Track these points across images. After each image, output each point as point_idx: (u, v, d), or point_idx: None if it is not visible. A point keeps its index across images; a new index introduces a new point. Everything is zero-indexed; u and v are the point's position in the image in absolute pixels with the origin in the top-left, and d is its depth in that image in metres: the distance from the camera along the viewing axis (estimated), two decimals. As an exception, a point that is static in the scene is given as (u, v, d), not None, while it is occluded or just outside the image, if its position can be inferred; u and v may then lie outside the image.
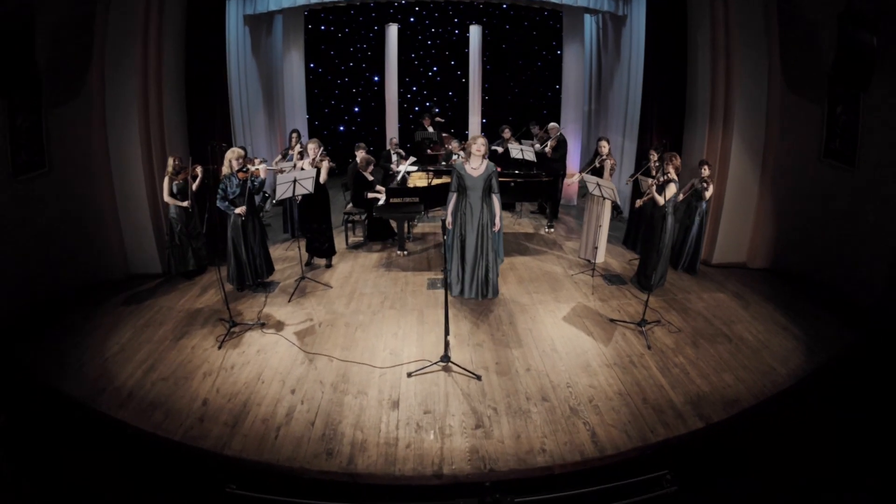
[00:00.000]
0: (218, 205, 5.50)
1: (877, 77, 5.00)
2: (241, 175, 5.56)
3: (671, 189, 5.56)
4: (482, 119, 11.58)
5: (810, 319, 5.31)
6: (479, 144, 5.20)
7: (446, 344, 4.39)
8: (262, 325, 5.08)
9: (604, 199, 6.11)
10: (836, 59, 5.30)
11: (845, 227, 5.65)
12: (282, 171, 6.91)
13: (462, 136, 11.72)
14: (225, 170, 5.55)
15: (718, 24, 6.41)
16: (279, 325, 5.10)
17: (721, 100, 6.53)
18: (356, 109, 12.68)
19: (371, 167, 7.23)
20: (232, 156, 5.53)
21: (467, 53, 12.29)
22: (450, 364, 4.33)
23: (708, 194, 6.06)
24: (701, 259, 6.58)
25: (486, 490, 2.64)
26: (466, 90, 12.66)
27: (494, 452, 3.45)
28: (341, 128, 12.58)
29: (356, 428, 3.64)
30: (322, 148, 6.38)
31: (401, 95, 11.70)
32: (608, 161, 6.56)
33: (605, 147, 6.64)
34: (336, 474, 3.23)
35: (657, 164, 6.41)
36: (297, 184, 5.51)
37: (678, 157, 5.78)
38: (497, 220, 5.42)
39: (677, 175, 5.65)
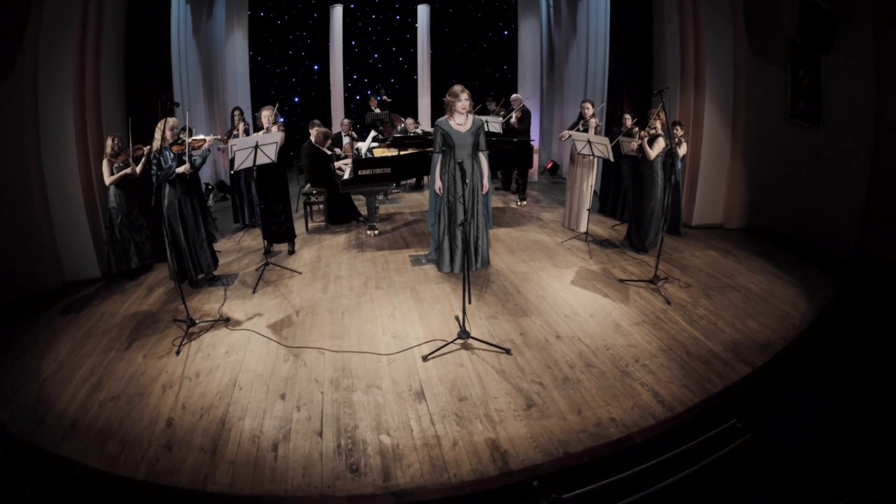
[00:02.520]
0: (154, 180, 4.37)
1: (836, 40, 5.01)
2: (175, 148, 4.50)
3: (659, 144, 5.20)
4: (431, 100, 10.78)
5: (798, 269, 5.04)
6: (463, 100, 4.39)
7: (463, 317, 3.57)
8: (227, 322, 4.01)
9: (594, 157, 5.50)
10: (798, 24, 5.16)
11: (815, 182, 5.56)
12: (224, 141, 5.82)
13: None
14: (157, 143, 4.45)
15: None
16: (249, 320, 4.05)
17: (691, 69, 6.30)
18: (296, 100, 11.48)
19: (329, 142, 6.28)
20: (164, 125, 4.42)
21: (409, 39, 11.49)
22: (470, 340, 3.51)
23: (682, 152, 5.65)
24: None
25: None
26: (409, 77, 11.85)
27: (560, 432, 2.71)
28: (282, 119, 11.32)
29: (379, 431, 2.74)
30: (277, 116, 5.35)
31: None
32: (592, 121, 6.11)
33: (588, 109, 6.19)
34: (374, 498, 2.32)
35: (634, 127, 6.00)
36: (258, 150, 4.49)
37: (664, 112, 5.32)
38: (486, 181, 4.65)
39: (664, 129, 5.20)
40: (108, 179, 4.84)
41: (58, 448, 2.79)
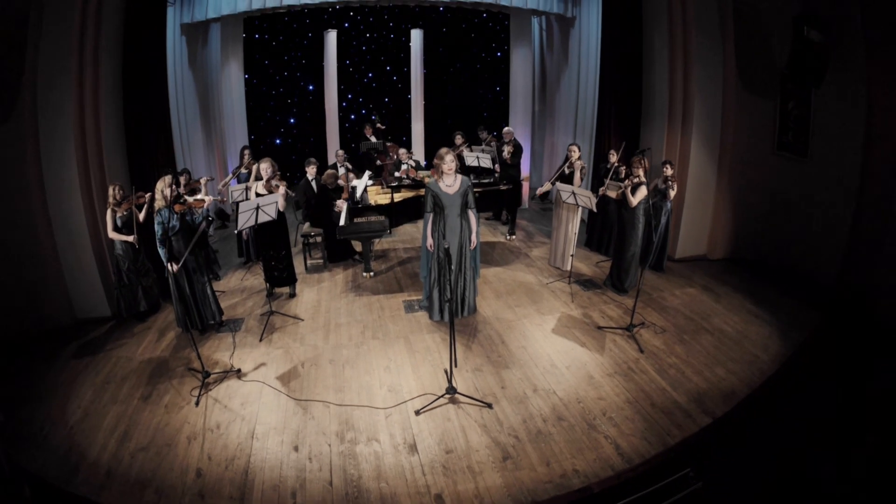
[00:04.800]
0: (159, 248, 5.05)
1: (827, 74, 5.51)
2: (177, 208, 5.13)
3: (642, 191, 5.84)
4: (425, 125, 11.51)
5: (776, 304, 5.83)
6: (448, 162, 5.13)
7: (448, 374, 4.33)
8: (238, 372, 4.75)
9: (578, 206, 6.25)
10: (790, 57, 5.74)
11: (799, 213, 6.20)
12: (222, 200, 6.50)
13: (405, 144, 11.64)
14: (158, 203, 5.11)
15: (676, 25, 6.74)
16: (258, 370, 4.80)
17: (679, 100, 6.91)
18: (292, 121, 12.19)
19: (336, 182, 6.97)
20: (162, 185, 5.08)
21: (403, 58, 12.19)
22: (456, 395, 4.27)
23: (672, 194, 6.38)
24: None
25: None
26: (403, 96, 12.57)
27: (531, 482, 3.45)
28: (277, 140, 12.05)
29: (380, 480, 3.49)
30: (276, 168, 6.06)
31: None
32: (578, 163, 6.73)
33: (575, 153, 6.81)
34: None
35: (618, 164, 6.70)
36: (259, 211, 5.21)
37: (647, 159, 6.07)
38: (474, 237, 5.40)
39: (646, 177, 5.93)
40: (111, 233, 5.52)
41: (97, 496, 3.47)
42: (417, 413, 4.13)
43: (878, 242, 5.33)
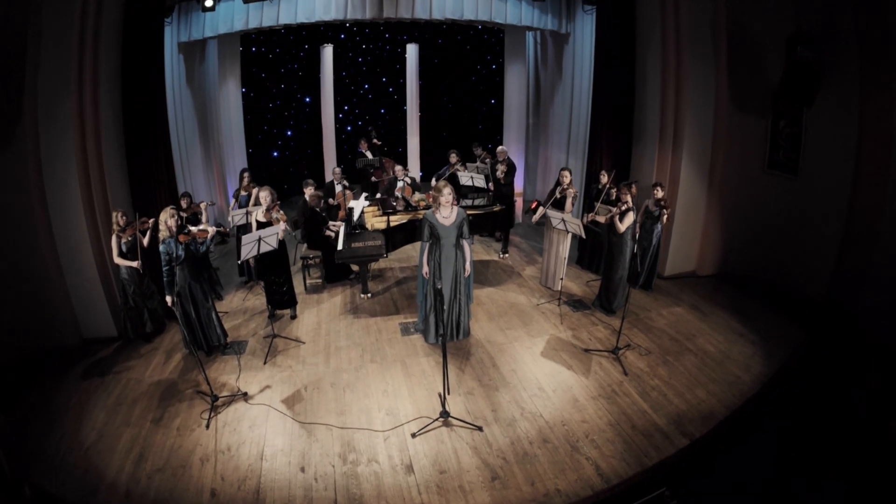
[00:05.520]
0: (164, 280, 5.48)
1: (820, 93, 5.89)
2: (182, 238, 5.50)
3: (629, 217, 6.27)
4: (420, 139, 11.92)
5: (762, 322, 6.31)
6: (445, 195, 5.56)
7: (442, 399, 4.77)
8: (245, 396, 5.18)
9: (568, 232, 6.68)
10: (783, 76, 6.09)
11: (789, 230, 6.56)
12: (225, 230, 6.88)
13: (401, 156, 12.06)
14: (162, 234, 5.49)
15: (669, 46, 7.12)
16: (263, 393, 5.22)
17: (671, 122, 7.31)
18: (289, 133, 12.61)
19: (322, 203, 7.40)
20: (165, 216, 5.46)
21: (399, 69, 12.62)
22: (449, 418, 4.71)
23: (665, 218, 6.78)
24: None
25: None
26: (399, 107, 13.00)
27: (516, 501, 3.90)
28: (275, 153, 12.45)
29: (380, 499, 3.93)
30: (275, 197, 6.46)
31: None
32: (570, 191, 7.09)
33: (566, 177, 7.15)
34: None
35: (609, 185, 7.12)
36: (261, 242, 5.62)
37: (635, 185, 6.50)
38: (468, 266, 5.83)
39: (633, 202, 6.36)
40: (116, 258, 5.92)
41: (120, 517, 3.93)
42: (413, 436, 4.56)
43: (868, 259, 5.68)
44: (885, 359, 5.32)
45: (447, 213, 5.64)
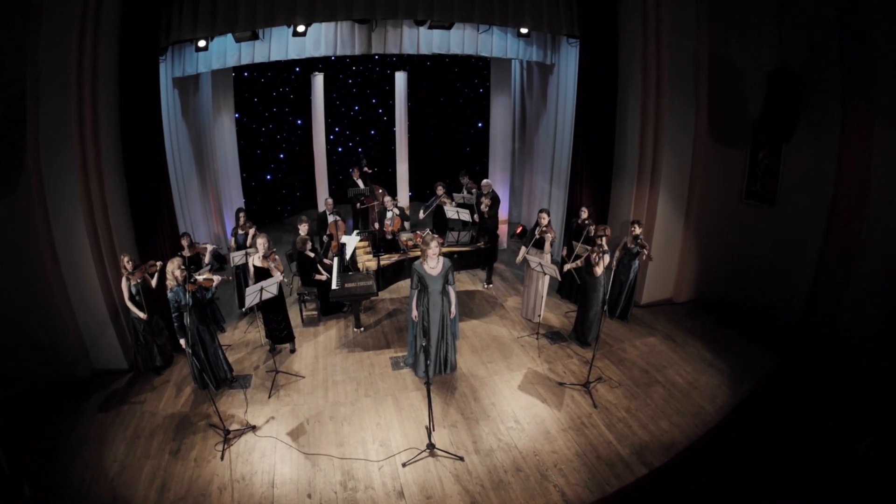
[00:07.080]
0: (175, 325, 6.29)
1: (799, 128, 6.46)
2: (189, 287, 6.30)
3: (605, 260, 7.14)
4: (409, 163, 12.76)
5: (734, 349, 7.20)
6: (433, 248, 6.46)
7: (429, 431, 5.72)
8: (254, 429, 6.09)
9: (544, 273, 7.63)
10: (763, 111, 6.64)
11: (765, 257, 7.22)
12: (228, 279, 7.71)
13: (390, 177, 12.94)
14: (170, 283, 6.28)
15: (650, 80, 7.78)
16: (269, 425, 6.13)
17: (649, 159, 8.04)
18: (281, 156, 13.45)
19: (309, 245, 8.21)
20: (172, 267, 6.27)
21: (388, 90, 13.51)
22: (435, 450, 5.66)
23: (644, 257, 7.63)
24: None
25: None
26: (389, 128, 13.89)
27: (492, 526, 4.87)
28: (268, 176, 13.27)
29: (376, 523, 4.89)
30: (271, 245, 7.30)
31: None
32: (549, 235, 7.91)
33: (545, 219, 7.96)
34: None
35: (587, 220, 8.03)
36: (263, 291, 6.52)
37: (609, 228, 7.43)
38: (453, 309, 6.76)
39: (608, 244, 7.22)
40: (127, 301, 6.75)
41: (148, 543, 4.84)
42: (404, 465, 5.48)
43: (843, 286, 6.30)
44: (856, 383, 6.03)
45: (434, 264, 6.57)
